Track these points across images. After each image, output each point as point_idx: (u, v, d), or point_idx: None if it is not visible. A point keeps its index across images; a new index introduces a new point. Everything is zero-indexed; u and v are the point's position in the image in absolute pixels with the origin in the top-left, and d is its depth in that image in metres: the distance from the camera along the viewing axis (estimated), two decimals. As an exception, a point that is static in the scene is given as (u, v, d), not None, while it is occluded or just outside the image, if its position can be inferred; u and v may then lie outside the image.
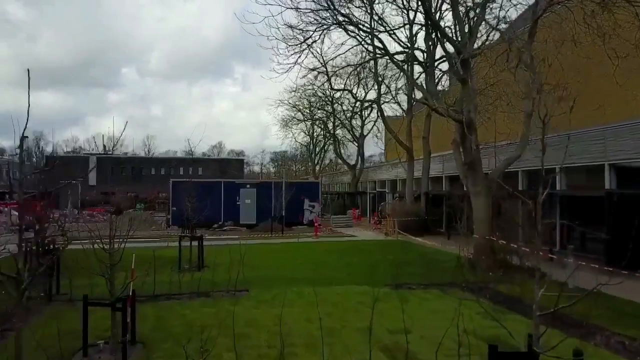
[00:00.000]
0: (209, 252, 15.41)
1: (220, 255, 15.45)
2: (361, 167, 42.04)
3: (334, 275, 12.68)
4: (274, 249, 18.73)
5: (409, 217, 24.21)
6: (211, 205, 30.86)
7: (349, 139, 45.43)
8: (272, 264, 14.77)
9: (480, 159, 13.71)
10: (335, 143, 44.83)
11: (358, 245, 20.06)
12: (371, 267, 13.88)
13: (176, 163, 62.94)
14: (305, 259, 15.67)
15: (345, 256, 16.41)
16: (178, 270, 13.61)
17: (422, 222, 24.57)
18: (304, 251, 17.91)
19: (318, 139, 51.36)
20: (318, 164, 54.31)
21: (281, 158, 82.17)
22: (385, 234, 24.31)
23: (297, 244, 20.43)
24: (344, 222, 31.13)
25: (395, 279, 11.14)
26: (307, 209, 31.74)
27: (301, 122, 46.24)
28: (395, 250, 18.24)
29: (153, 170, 61.36)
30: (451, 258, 15.74)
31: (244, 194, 30.65)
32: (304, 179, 54.54)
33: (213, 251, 16.60)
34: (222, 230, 29.23)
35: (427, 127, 26.12)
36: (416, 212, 24.54)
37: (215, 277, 11.17)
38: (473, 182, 13.74)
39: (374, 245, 19.87)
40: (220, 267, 12.34)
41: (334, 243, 20.93)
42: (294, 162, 78.31)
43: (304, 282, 11.62)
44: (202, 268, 14.20)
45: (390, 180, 36.82)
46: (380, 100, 28.38)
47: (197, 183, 33.49)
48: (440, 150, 28.74)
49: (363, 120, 41.80)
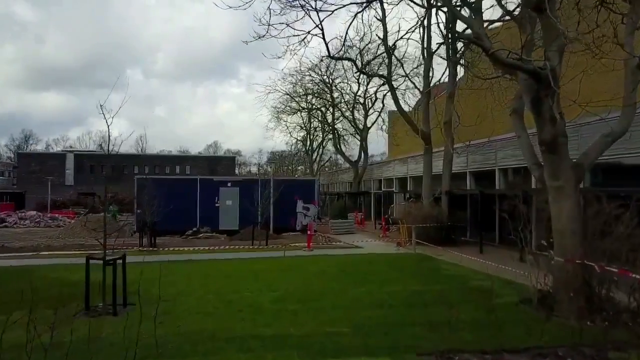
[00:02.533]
0: (164, 271, 10.47)
1: (171, 278, 11.67)
2: (364, 164, 36.81)
3: (330, 330, 7.45)
4: (247, 269, 13.51)
5: (428, 222, 19.01)
6: (184, 208, 25.67)
7: (350, 132, 40.24)
8: (236, 301, 9.54)
9: (566, 135, 8.47)
10: (334, 137, 39.53)
11: (364, 262, 14.82)
12: (390, 310, 8.65)
13: (161, 161, 57.74)
14: (287, 290, 10.44)
15: (346, 284, 11.18)
16: (85, 311, 8.56)
17: (444, 230, 19.37)
18: (289, 274, 12.67)
19: (316, 133, 46.14)
20: (316, 161, 49.03)
21: (279, 158, 76.70)
22: (397, 245, 19.08)
23: (281, 261, 15.22)
24: (344, 227, 25.90)
25: (434, 341, 6.02)
26: (301, 212, 26.51)
27: (296, 113, 40.92)
28: (416, 272, 13.00)
29: (136, 168, 56.18)
30: (505, 288, 10.55)
31: (224, 193, 25.44)
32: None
33: (170, 271, 12.58)
34: (196, 237, 24.02)
35: (450, 110, 20.89)
36: (437, 216, 19.32)
37: (132, 330, 5.88)
38: (553, 173, 8.51)
39: (386, 264, 14.63)
40: (153, 304, 6.98)
41: (332, 259, 15.70)
42: (292, 162, 72.84)
43: (277, 346, 6.46)
44: (126, 306, 9.08)
45: (398, 178, 31.58)
46: (391, 73, 22.93)
47: (167, 181, 28.35)
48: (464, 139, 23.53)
49: (367, 109, 36.60)
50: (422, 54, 21.72)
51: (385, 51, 22.19)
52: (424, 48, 21.47)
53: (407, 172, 29.61)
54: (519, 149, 18.87)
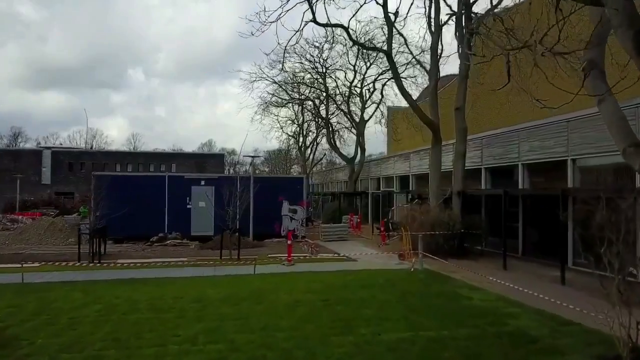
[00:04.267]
0: (82, 299, 7.40)
1: (79, 313, 8.54)
2: (361, 161, 33.22)
3: None
4: (195, 297, 9.94)
5: (437, 229, 15.48)
6: (150, 210, 22.13)
7: (345, 126, 36.65)
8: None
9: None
10: (328, 131, 35.90)
11: (356, 285, 11.25)
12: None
13: (144, 159, 54.01)
14: (233, 343, 6.88)
15: (327, 328, 7.63)
16: None
17: (457, 238, 15.83)
18: (249, 307, 9.10)
19: (309, 129, 42.54)
20: (309, 159, 45.39)
21: (274, 157, 72.86)
22: (399, 257, 15.53)
23: (248, 282, 11.67)
24: (337, 233, 22.32)
25: None
26: (287, 215, 22.96)
27: (285, 105, 37.22)
28: (427, 303, 9.43)
29: (118, 166, 52.54)
30: (564, 334, 7.07)
31: (197, 193, 21.87)
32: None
33: (92, 298, 9.58)
34: (162, 245, 20.45)
35: (463, 94, 17.34)
36: (447, 222, 15.77)
37: None
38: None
39: (385, 288, 11.08)
40: None
41: (315, 279, 12.13)
42: (285, 160, 68.94)
43: None
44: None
45: (399, 177, 28.04)
46: (391, 45, 19.08)
47: (131, 179, 24.73)
48: (478, 130, 20.07)
49: (364, 101, 33.03)
50: (429, 27, 18.14)
51: (385, 18, 18.52)
52: (430, 20, 17.93)
53: (410, 170, 26.06)
54: (550, 139, 15.42)
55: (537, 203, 15.37)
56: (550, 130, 14.96)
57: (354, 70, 32.10)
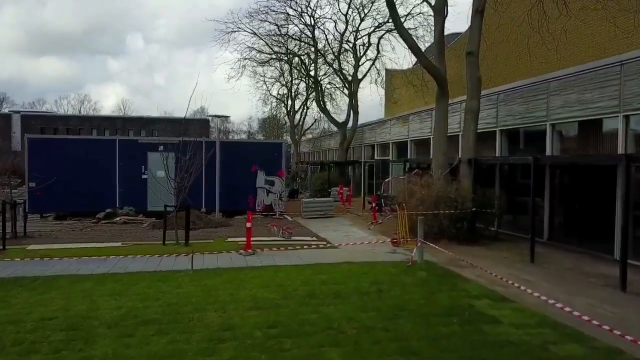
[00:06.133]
0: None
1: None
2: (354, 125, 29.52)
3: None
4: (80, 315, 6.56)
5: (441, 208, 12.07)
6: (98, 181, 18.61)
7: (337, 86, 32.77)
8: None
9: None
10: (317, 91, 31.95)
11: (329, 293, 7.85)
12: None
13: (123, 123, 50.12)
14: None
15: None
16: None
17: (467, 220, 12.40)
18: (150, 342, 5.73)
19: (298, 91, 38.59)
20: (299, 124, 41.59)
21: (267, 124, 68.58)
22: (392, 244, 12.15)
23: (176, 284, 8.25)
24: (320, 209, 18.94)
25: None
26: (263, 188, 19.49)
27: (268, 62, 33.07)
28: (433, 336, 6.03)
29: (95, 132, 48.72)
30: None
31: (155, 161, 18.29)
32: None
33: None
34: (111, 222, 17.06)
35: (477, 34, 13.57)
36: (455, 198, 12.33)
37: None
38: None
39: (370, 300, 7.71)
40: None
41: (275, 279, 8.74)
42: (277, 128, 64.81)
43: None
44: None
45: (396, 143, 24.48)
46: None
47: (73, 143, 20.75)
48: (491, 85, 16.46)
49: (357, 57, 29.03)
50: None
51: None
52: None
53: (409, 135, 22.47)
54: (593, 90, 11.56)
55: (577, 174, 11.94)
56: (593, 79, 11.34)
57: (346, 20, 28.02)
